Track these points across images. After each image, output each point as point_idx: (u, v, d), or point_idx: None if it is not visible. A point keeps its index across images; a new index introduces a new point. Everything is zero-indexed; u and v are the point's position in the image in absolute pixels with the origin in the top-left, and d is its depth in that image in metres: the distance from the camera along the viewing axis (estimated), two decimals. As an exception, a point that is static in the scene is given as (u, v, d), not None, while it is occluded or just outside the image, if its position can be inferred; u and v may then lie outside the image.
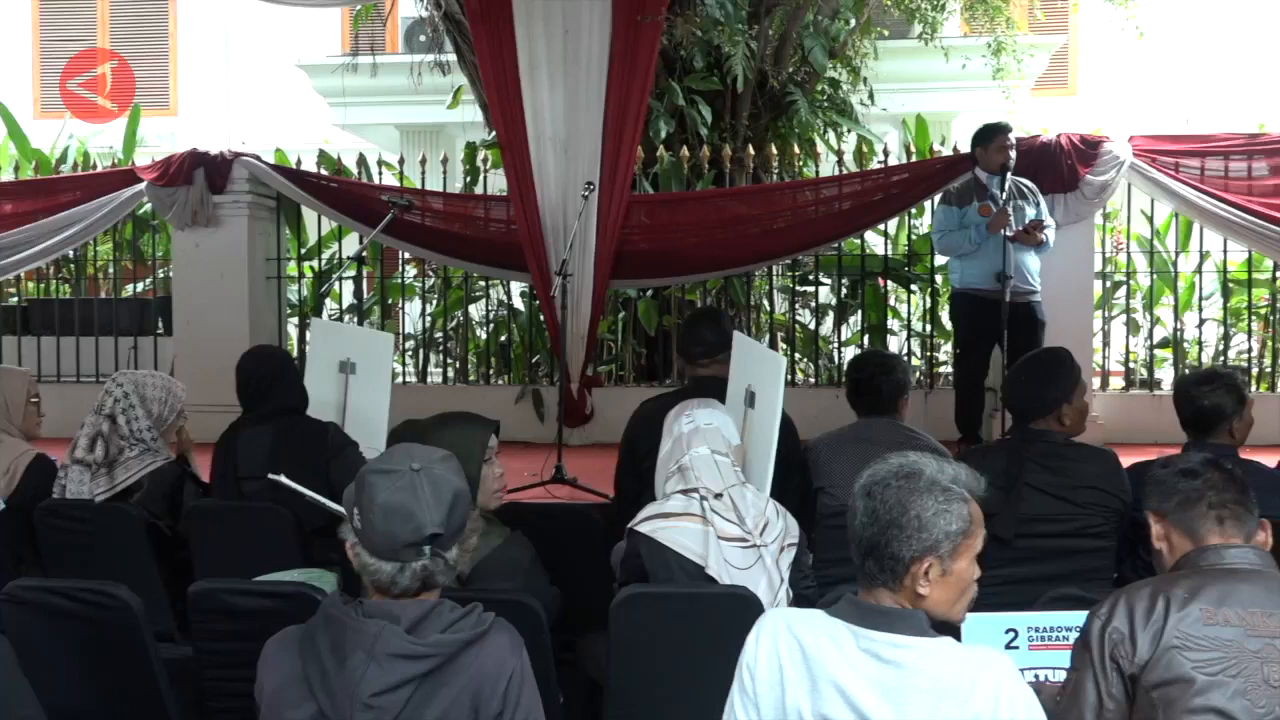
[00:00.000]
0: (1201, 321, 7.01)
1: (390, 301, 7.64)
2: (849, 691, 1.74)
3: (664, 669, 2.53)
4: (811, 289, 7.51)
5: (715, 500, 2.67)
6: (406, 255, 7.40)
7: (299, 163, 7.20)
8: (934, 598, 1.80)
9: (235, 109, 12.64)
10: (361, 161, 7.30)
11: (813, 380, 7.14)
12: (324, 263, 7.68)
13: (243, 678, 1.95)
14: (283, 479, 2.98)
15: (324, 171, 7.19)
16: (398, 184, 7.27)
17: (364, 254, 6.45)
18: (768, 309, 7.39)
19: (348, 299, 7.63)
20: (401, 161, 7.37)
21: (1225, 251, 6.73)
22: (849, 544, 1.86)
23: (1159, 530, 2.02)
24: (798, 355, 7.31)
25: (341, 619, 1.80)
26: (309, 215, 7.34)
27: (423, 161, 7.13)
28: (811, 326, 7.42)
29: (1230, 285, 6.94)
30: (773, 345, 7.19)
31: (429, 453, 1.90)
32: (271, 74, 12.24)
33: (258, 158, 7.03)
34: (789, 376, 7.10)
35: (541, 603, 2.50)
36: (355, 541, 1.85)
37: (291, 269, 7.62)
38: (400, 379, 7.58)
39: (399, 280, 7.57)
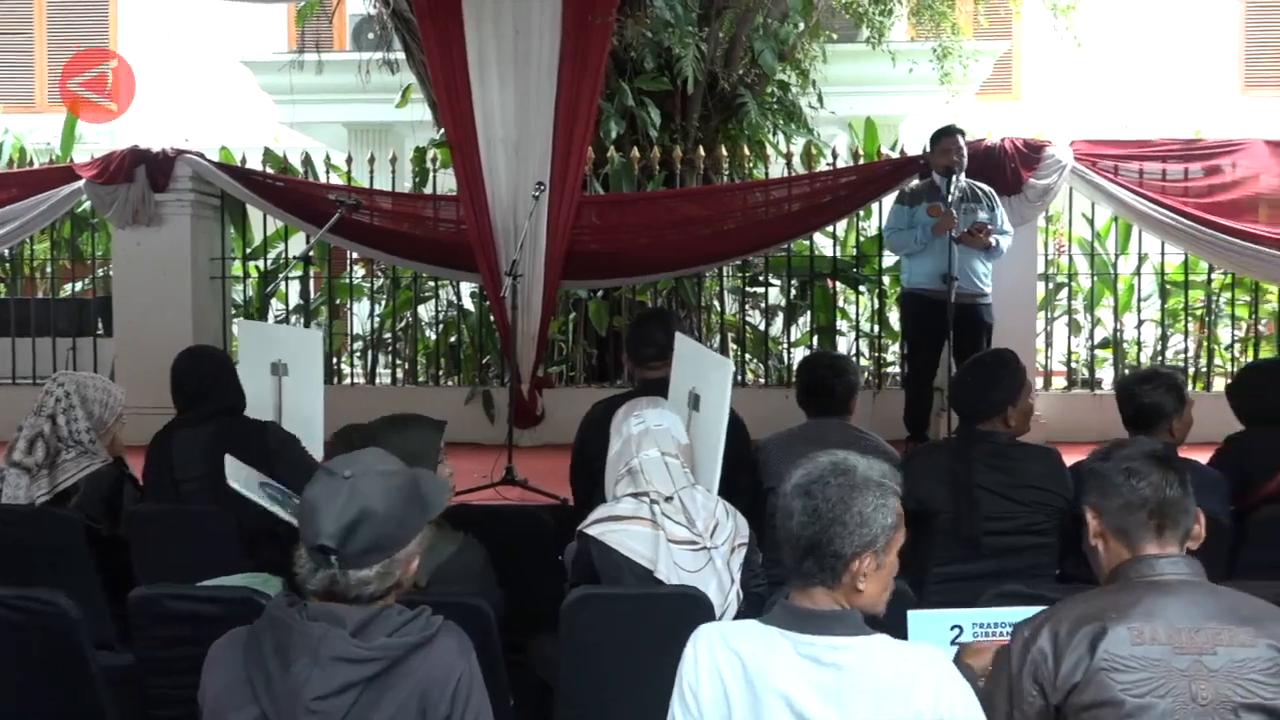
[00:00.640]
0: (1140, 322, 7.17)
1: (338, 302, 7.55)
2: (793, 699, 1.75)
3: (614, 670, 2.53)
4: (761, 290, 7.56)
5: (665, 503, 2.67)
6: (355, 255, 7.32)
7: (244, 161, 7.09)
8: (869, 592, 1.83)
9: (178, 106, 12.40)
10: (308, 160, 7.20)
11: (763, 381, 7.19)
12: (270, 262, 7.58)
13: (186, 685, 1.92)
14: (238, 486, 2.94)
15: (270, 170, 7.08)
16: (345, 183, 7.19)
17: (311, 254, 6.37)
18: (718, 310, 7.42)
19: (294, 299, 7.52)
20: (349, 160, 7.28)
21: (1163, 254, 6.89)
22: (782, 545, 1.86)
23: (1095, 527, 1.97)
24: (748, 356, 7.35)
25: (286, 621, 1.78)
26: (254, 214, 7.23)
27: (371, 160, 7.06)
28: (761, 327, 7.47)
29: (1168, 287, 7.11)
30: (723, 346, 7.22)
31: (381, 465, 1.87)
32: (215, 71, 12.03)
33: (202, 155, 6.91)
34: (739, 377, 7.16)
35: (493, 605, 2.49)
36: None
37: (236, 269, 7.50)
38: (349, 380, 7.50)
39: (347, 280, 7.48)
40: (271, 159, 7.40)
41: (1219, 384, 7.06)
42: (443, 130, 6.58)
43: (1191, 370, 7.20)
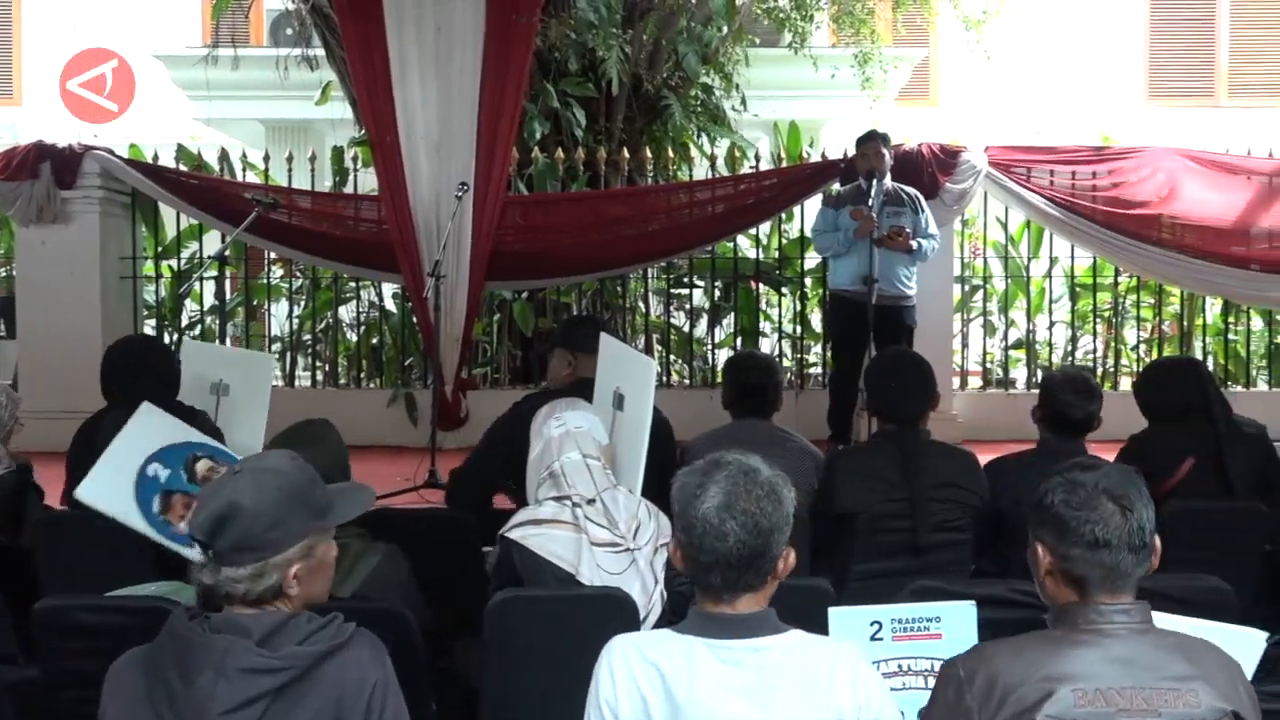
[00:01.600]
0: (1052, 324, 7.39)
1: (255, 303, 7.39)
2: (717, 707, 1.75)
3: (538, 672, 2.52)
4: (686, 291, 7.60)
5: (588, 506, 2.66)
6: (273, 255, 7.17)
7: (156, 158, 6.89)
8: (780, 574, 1.86)
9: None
10: (224, 158, 7.03)
11: (687, 382, 7.23)
12: (183, 262, 7.37)
13: (97, 699, 1.86)
14: (88, 499, 2.87)
15: (183, 168, 6.89)
16: (263, 182, 7.03)
17: (226, 253, 6.21)
18: (643, 311, 7.44)
19: (209, 300, 7.33)
20: (267, 158, 7.13)
21: (1072, 258, 7.11)
22: (708, 568, 1.80)
23: (1047, 564, 1.85)
24: (672, 357, 7.39)
25: (187, 635, 1.72)
26: (167, 213, 7.03)
27: (289, 159, 6.92)
28: (686, 329, 7.51)
29: (1077, 289, 7.34)
30: (648, 347, 7.24)
31: (275, 464, 1.84)
32: (126, 64, 11.67)
33: (111, 151, 6.70)
34: (664, 378, 7.19)
35: (415, 614, 2.46)
36: None
37: (148, 268, 7.28)
38: (266, 383, 7.33)
39: (265, 281, 7.32)
40: (185, 156, 7.20)
41: (1125, 383, 7.31)
42: (363, 129, 6.48)
43: (1100, 370, 7.45)
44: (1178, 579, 2.55)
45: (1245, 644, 2.07)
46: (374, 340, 7.40)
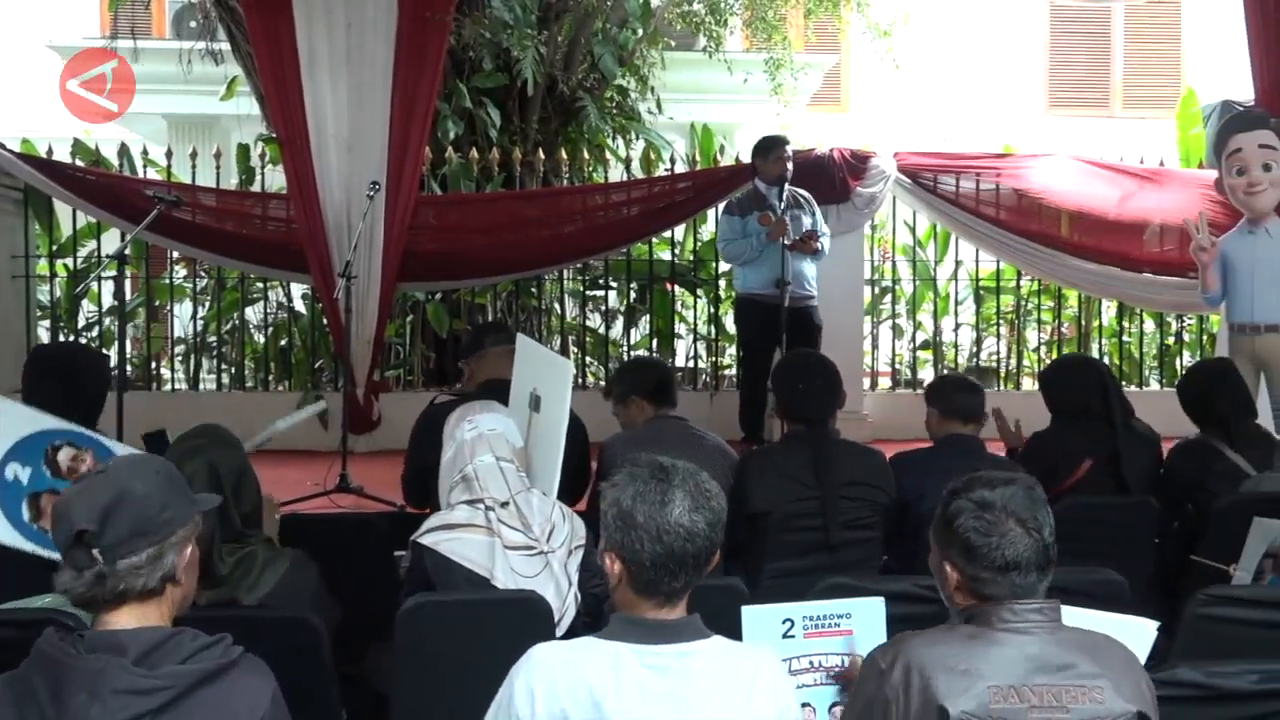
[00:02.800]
0: (957, 326, 7.58)
1: (157, 304, 7.16)
2: (643, 715, 1.75)
3: (451, 678, 2.49)
4: (601, 293, 7.60)
5: (501, 509, 2.64)
6: (176, 254, 6.96)
7: (50, 152, 6.62)
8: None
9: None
10: (124, 153, 6.79)
11: (603, 384, 7.23)
12: (80, 261, 7.10)
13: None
14: None
15: (79, 163, 6.64)
16: (165, 179, 6.82)
17: (126, 252, 6.00)
18: (558, 313, 7.43)
19: (108, 300, 7.07)
20: (169, 155, 6.92)
21: (977, 261, 7.32)
22: (671, 573, 1.80)
23: (956, 581, 1.90)
24: (588, 359, 7.38)
25: (58, 657, 1.63)
26: (63, 210, 6.76)
27: (193, 155, 6.71)
28: (601, 330, 7.51)
29: (981, 292, 7.55)
30: (564, 349, 7.23)
31: (138, 456, 1.80)
32: (18, 55, 11.19)
33: (1, 146, 6.41)
34: (579, 380, 7.17)
35: (325, 622, 2.41)
36: None
37: (42, 267, 7.00)
38: (169, 386, 7.12)
39: (167, 281, 7.10)
40: (82, 151, 6.93)
41: (1028, 383, 7.55)
42: (271, 125, 6.34)
43: (1003, 370, 7.67)
44: (1075, 572, 2.64)
45: (1138, 633, 2.16)
46: (282, 342, 7.23)
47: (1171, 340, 7.69)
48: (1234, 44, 6.27)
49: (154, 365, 7.23)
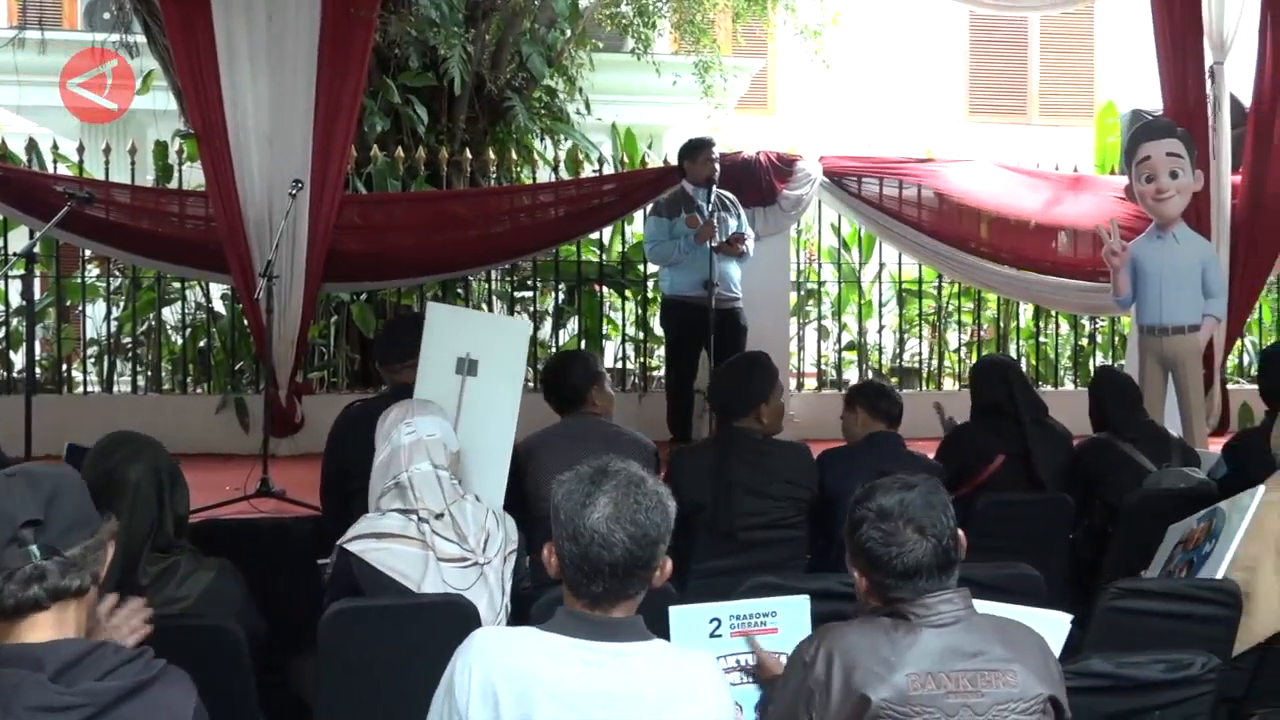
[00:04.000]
0: (881, 327, 7.72)
1: (69, 303, 6.92)
2: (577, 710, 1.75)
3: (376, 685, 2.46)
4: (529, 294, 7.57)
5: (436, 520, 2.59)
6: (89, 253, 6.74)
7: (-48, 146, 6.38)
8: (657, 583, 1.87)
9: None
10: (32, 147, 6.55)
11: (532, 385, 7.19)
12: (-15, 259, 6.83)
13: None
14: None
15: (-16, 157, 6.39)
16: (76, 175, 6.60)
17: (35, 250, 5.80)
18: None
19: (15, 300, 6.81)
20: (81, 150, 6.70)
21: (900, 264, 7.46)
22: (591, 576, 1.79)
23: (865, 586, 1.97)
24: (517, 360, 7.33)
25: None
26: (-34, 206, 6.49)
27: (106, 151, 6.51)
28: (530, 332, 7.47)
29: (904, 295, 7.69)
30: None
31: (42, 464, 1.75)
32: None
33: (-101, 139, 6.16)
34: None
35: (249, 632, 2.36)
36: None
37: (-56, 266, 6.72)
38: (81, 389, 6.90)
39: (79, 280, 6.87)
40: (-14, 145, 6.69)
41: (949, 383, 7.72)
42: (189, 121, 6.18)
43: (925, 371, 7.83)
44: (992, 567, 2.71)
45: (1052, 626, 2.22)
46: (201, 343, 7.06)
47: (1086, 341, 7.93)
48: (1144, 55, 6.49)
49: (65, 368, 6.99)
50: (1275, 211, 6.35)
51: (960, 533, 1.98)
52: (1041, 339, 7.85)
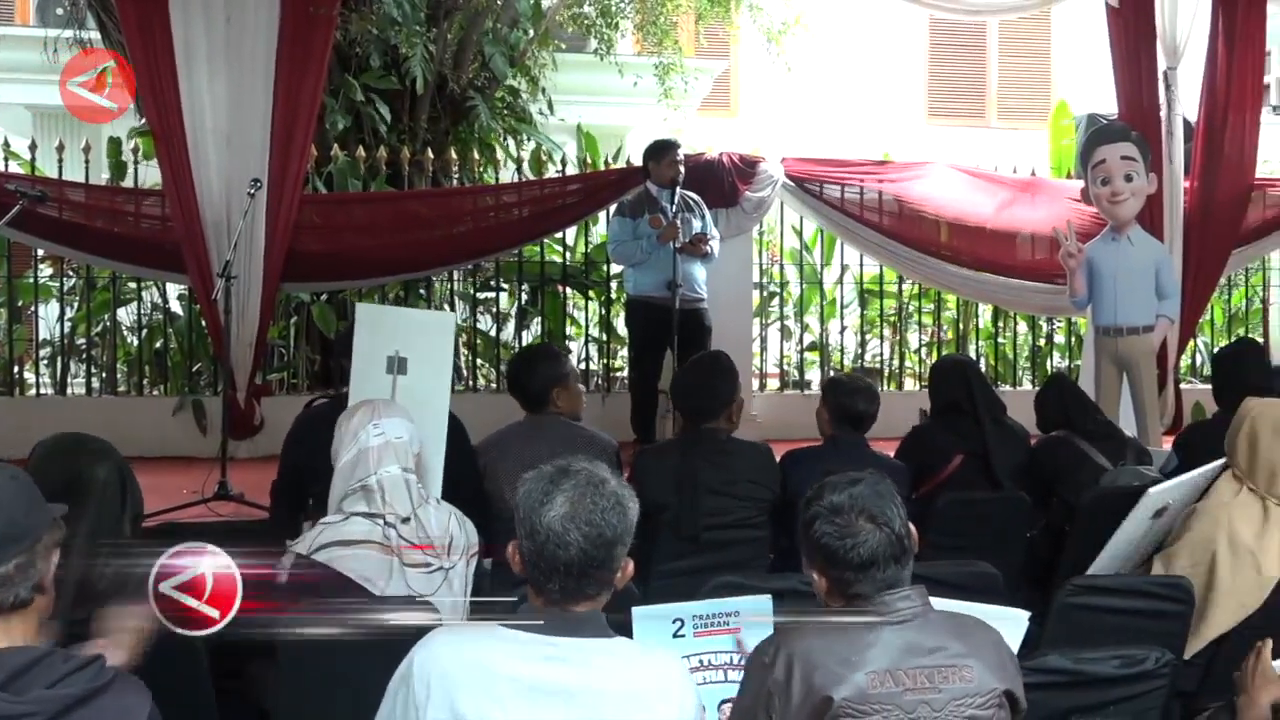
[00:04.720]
0: (843, 328, 7.77)
1: (21, 304, 6.79)
2: (535, 706, 1.74)
3: (335, 690, 2.43)
4: (492, 295, 7.54)
5: (402, 525, 2.57)
6: (41, 253, 6.62)
7: (-101, 142, 6.23)
8: (618, 584, 1.87)
9: None
10: (-17, 144, 6.43)
11: (494, 386, 7.17)
12: (-66, 259, 6.69)
13: None
14: None
15: (-67, 154, 6.26)
16: (28, 173, 6.48)
17: (-14, 249, 5.71)
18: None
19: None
20: (33, 147, 6.58)
21: (861, 265, 7.52)
22: (548, 575, 1.79)
23: (825, 586, 1.98)
24: (479, 361, 7.31)
25: None
26: (-86, 204, 6.35)
27: (60, 148, 6.40)
28: (492, 333, 7.45)
29: (866, 296, 7.76)
30: (454, 351, 7.13)
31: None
32: None
33: None
34: (470, 382, 7.11)
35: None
36: None
37: (-110, 265, 6.57)
38: (34, 391, 6.77)
39: (31, 280, 6.74)
40: (-65, 142, 6.55)
41: (910, 383, 7.79)
42: (144, 118, 6.08)
43: (886, 371, 7.89)
44: (951, 565, 2.74)
45: (1011, 623, 2.25)
46: (158, 345, 6.95)
47: (1043, 342, 8.03)
48: (1100, 60, 6.60)
49: (17, 369, 6.86)
50: (1226, 214, 6.48)
51: (910, 525, 2.00)
52: (1000, 339, 7.94)
